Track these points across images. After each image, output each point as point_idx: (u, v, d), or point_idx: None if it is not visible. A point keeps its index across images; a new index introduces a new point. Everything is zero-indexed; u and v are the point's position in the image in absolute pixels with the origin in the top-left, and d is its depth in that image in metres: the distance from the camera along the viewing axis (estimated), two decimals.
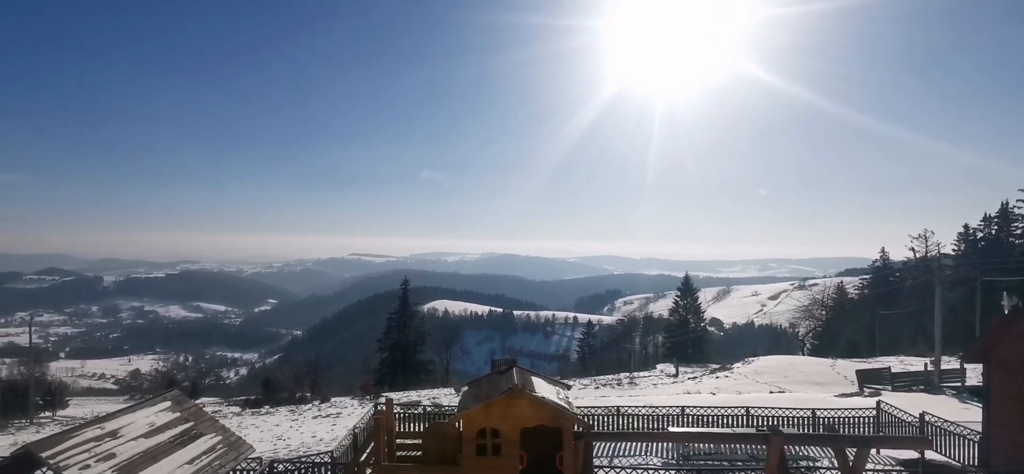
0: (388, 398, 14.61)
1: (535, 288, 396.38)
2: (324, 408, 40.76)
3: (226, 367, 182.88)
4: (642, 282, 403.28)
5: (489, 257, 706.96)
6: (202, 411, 12.55)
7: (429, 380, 67.36)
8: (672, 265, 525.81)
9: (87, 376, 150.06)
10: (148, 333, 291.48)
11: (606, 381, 53.03)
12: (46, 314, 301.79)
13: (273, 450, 23.92)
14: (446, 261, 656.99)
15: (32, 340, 64.55)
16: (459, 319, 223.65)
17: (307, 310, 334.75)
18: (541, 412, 11.17)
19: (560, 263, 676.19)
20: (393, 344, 71.61)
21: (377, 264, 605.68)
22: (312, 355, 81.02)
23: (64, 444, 8.88)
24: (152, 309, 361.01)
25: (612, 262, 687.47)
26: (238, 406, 47.57)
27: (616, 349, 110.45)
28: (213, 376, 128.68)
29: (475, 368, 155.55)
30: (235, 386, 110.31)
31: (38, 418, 48.33)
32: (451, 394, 43.03)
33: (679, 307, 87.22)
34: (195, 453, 10.90)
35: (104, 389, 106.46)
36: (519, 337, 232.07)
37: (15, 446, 29.60)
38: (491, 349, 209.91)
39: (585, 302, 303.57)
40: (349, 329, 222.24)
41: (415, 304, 79.82)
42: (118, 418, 10.38)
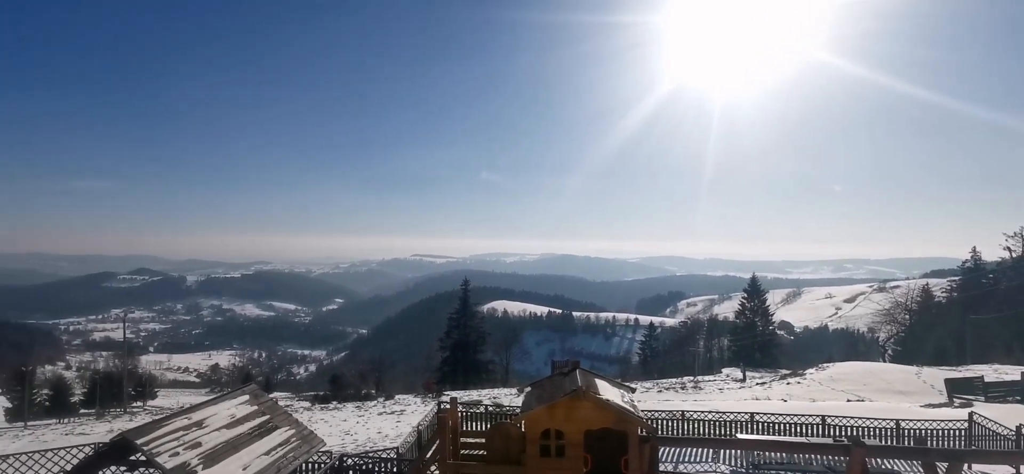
0: (453, 397, 14.81)
1: (595, 289, 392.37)
2: (388, 405, 41.87)
3: (296, 363, 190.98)
4: (705, 283, 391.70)
5: (548, 257, 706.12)
6: (277, 405, 13.12)
7: (489, 380, 67.97)
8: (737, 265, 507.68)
9: (173, 369, 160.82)
10: (226, 330, 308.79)
11: (669, 384, 51.76)
12: (137, 311, 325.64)
13: (341, 444, 24.77)
14: (505, 261, 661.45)
15: (125, 336, 69.98)
16: (518, 320, 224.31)
17: (371, 309, 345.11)
18: (605, 415, 10.99)
19: (620, 263, 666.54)
20: (454, 343, 72.71)
21: (438, 265, 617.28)
22: (376, 353, 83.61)
23: (156, 432, 9.47)
24: (230, 307, 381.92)
25: (674, 263, 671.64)
26: (308, 401, 49.65)
27: (679, 352, 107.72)
28: (284, 372, 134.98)
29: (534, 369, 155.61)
30: (305, 382, 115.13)
31: (131, 407, 52.24)
32: (512, 394, 43.21)
33: (746, 309, 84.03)
34: (272, 445, 11.39)
35: (187, 382, 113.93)
36: (579, 338, 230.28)
37: (111, 432, 32.07)
38: (550, 350, 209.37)
39: (646, 303, 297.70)
40: (411, 328, 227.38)
41: (475, 304, 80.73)
42: (203, 409, 10.99)
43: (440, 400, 37.55)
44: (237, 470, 10.01)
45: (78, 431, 36.75)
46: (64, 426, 40.80)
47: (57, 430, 38.28)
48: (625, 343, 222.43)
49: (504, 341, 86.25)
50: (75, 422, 43.76)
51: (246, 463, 10.36)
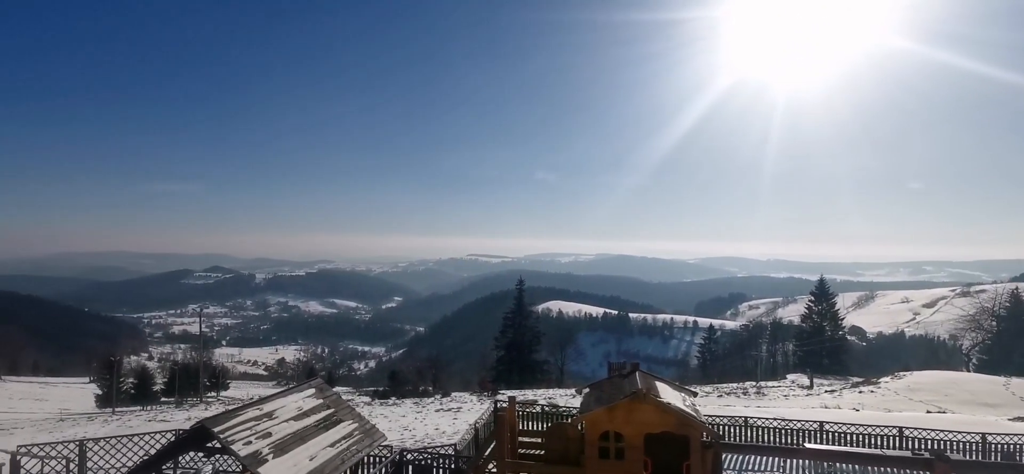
0: (511, 397, 14.84)
1: (652, 290, 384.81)
2: (445, 402, 42.47)
3: (357, 359, 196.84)
4: (768, 285, 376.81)
5: (603, 258, 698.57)
6: (341, 399, 13.54)
7: (544, 380, 67.86)
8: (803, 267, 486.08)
9: (243, 362, 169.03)
10: (291, 326, 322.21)
11: (730, 389, 50.08)
12: (212, 307, 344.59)
13: (400, 439, 25.31)
14: (560, 261, 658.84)
15: (201, 330, 74.10)
16: (573, 320, 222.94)
17: (428, 307, 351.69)
18: (667, 418, 10.73)
19: (678, 264, 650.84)
20: (509, 343, 73.03)
21: (493, 264, 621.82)
22: (433, 351, 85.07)
23: (230, 422, 9.97)
24: (295, 304, 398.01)
25: (735, 264, 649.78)
26: (368, 396, 51.08)
27: (740, 356, 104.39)
28: (345, 367, 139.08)
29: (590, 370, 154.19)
30: (365, 377, 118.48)
31: (206, 397, 55.29)
32: (567, 395, 42.94)
33: (813, 313, 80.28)
34: (336, 437, 11.77)
35: (256, 374, 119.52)
36: (635, 340, 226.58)
37: (189, 420, 34.05)
38: (606, 351, 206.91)
39: (706, 305, 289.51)
40: (467, 327, 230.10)
41: (530, 304, 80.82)
42: (273, 401, 11.48)
43: (496, 399, 37.78)
44: (304, 460, 10.41)
45: (160, 418, 39.24)
46: (147, 413, 43.65)
47: (141, 416, 41.01)
48: (683, 346, 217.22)
49: (559, 341, 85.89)
50: (157, 409, 46.72)
51: (313, 454, 10.76)
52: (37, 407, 50.09)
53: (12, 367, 77.55)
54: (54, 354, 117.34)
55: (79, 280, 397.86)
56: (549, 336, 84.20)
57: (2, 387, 59.05)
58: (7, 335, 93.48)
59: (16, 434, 34.00)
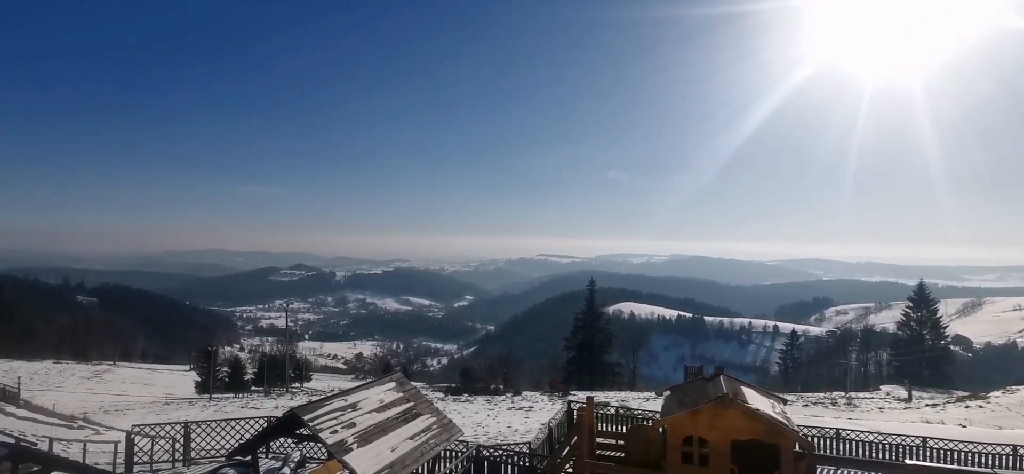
0: (589, 397, 14.63)
1: (729, 292, 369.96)
2: (517, 401, 42.68)
3: (429, 355, 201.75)
4: (858, 289, 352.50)
5: (677, 259, 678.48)
6: (420, 393, 13.84)
7: (615, 382, 66.79)
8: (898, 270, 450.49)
9: (323, 356, 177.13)
10: (369, 322, 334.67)
11: (816, 399, 47.22)
12: (296, 302, 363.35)
13: (474, 436, 25.63)
14: (632, 262, 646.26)
15: (287, 324, 78.34)
16: (645, 322, 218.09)
17: (499, 307, 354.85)
18: (755, 425, 10.17)
19: (757, 266, 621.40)
20: (580, 343, 72.44)
21: (563, 264, 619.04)
22: (504, 350, 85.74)
23: (318, 411, 10.41)
24: (372, 301, 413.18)
25: (820, 266, 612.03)
26: (441, 392, 52.16)
27: (826, 364, 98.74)
28: (419, 363, 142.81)
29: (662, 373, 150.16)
30: (437, 373, 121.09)
31: (291, 387, 58.41)
32: (640, 398, 42.02)
33: (910, 320, 74.38)
34: (415, 430, 12.03)
35: (336, 368, 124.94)
36: (710, 344, 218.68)
37: (276, 409, 36.07)
38: (679, 355, 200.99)
39: (787, 310, 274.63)
40: (537, 326, 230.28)
41: (601, 305, 79.79)
42: (356, 393, 11.89)
43: (569, 399, 37.55)
44: (386, 451, 10.71)
45: (251, 405, 41.89)
46: (239, 400, 46.71)
47: (235, 403, 43.95)
48: (762, 351, 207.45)
49: (630, 343, 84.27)
50: (248, 397, 49.87)
51: (394, 445, 11.05)
52: (145, 391, 54.81)
53: (125, 354, 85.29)
54: (160, 343, 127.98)
55: (182, 276, 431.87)
56: (620, 338, 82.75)
57: (116, 372, 65.08)
58: (121, 325, 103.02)
59: (129, 415, 37.35)
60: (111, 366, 69.17)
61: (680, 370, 13.45)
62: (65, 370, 61.92)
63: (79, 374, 60.33)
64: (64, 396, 46.42)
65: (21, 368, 56.04)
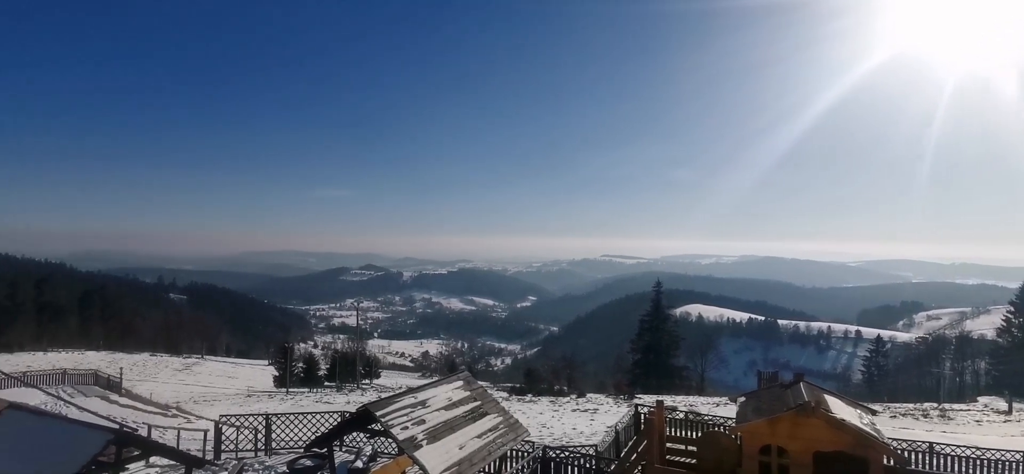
0: (659, 401, 14.27)
1: (805, 295, 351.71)
2: (581, 403, 42.29)
3: (493, 355, 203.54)
4: (953, 293, 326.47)
5: (748, 259, 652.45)
6: (487, 392, 13.94)
7: (683, 386, 65.03)
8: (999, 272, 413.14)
9: (391, 354, 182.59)
10: (434, 321, 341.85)
11: (904, 410, 44.01)
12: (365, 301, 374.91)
13: (539, 436, 25.58)
14: (700, 263, 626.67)
15: (358, 323, 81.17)
16: (714, 325, 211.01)
17: (562, 307, 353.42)
18: (840, 436, 9.55)
19: (837, 267, 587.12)
20: (646, 346, 71.02)
21: (628, 266, 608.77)
22: (567, 351, 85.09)
23: (389, 407, 10.67)
24: (437, 301, 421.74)
25: (908, 267, 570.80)
26: (505, 392, 52.41)
27: (916, 372, 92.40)
28: (483, 363, 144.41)
29: (732, 378, 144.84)
30: (501, 373, 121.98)
31: (361, 384, 60.45)
32: (709, 403, 40.63)
33: (1012, 326, 68.19)
34: (482, 429, 12.11)
35: (403, 365, 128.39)
36: (785, 349, 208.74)
37: (348, 403, 37.44)
38: (750, 360, 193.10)
39: (871, 314, 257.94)
40: (601, 328, 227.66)
41: (667, 307, 77.87)
42: (425, 391, 12.11)
43: (635, 402, 36.82)
44: (454, 449, 10.83)
45: (324, 400, 43.71)
46: (314, 395, 48.83)
47: (310, 397, 46.01)
48: (843, 358, 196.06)
49: (698, 347, 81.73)
50: (321, 392, 52.04)
51: (461, 443, 11.16)
52: (229, 384, 58.31)
53: (211, 349, 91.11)
54: (242, 339, 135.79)
55: (261, 276, 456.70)
56: (688, 341, 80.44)
57: (204, 365, 69.59)
58: (208, 322, 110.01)
59: (216, 405, 39.84)
60: (199, 359, 74.05)
61: (751, 375, 12.93)
62: (160, 362, 66.83)
63: (172, 366, 64.94)
64: (159, 386, 50.12)
65: (122, 360, 60.96)
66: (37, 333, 75.27)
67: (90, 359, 58.97)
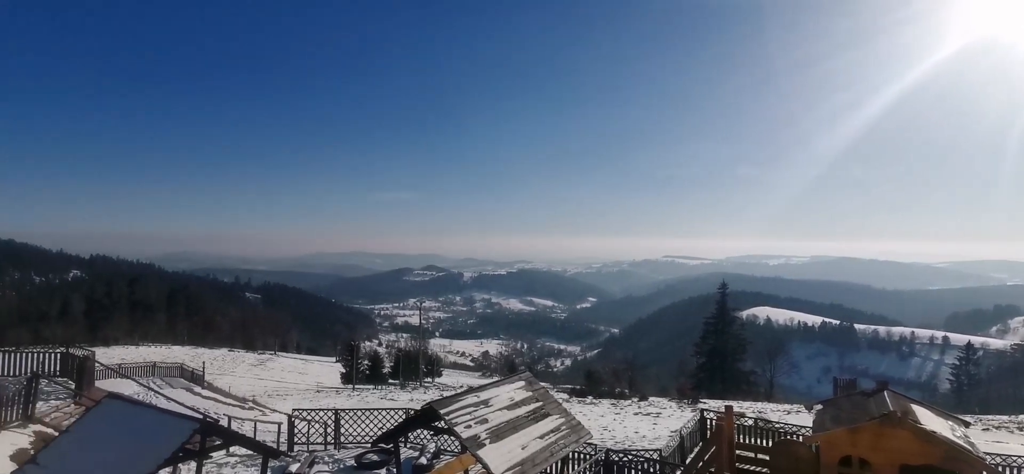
0: (728, 406, 13.78)
1: (885, 298, 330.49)
2: (643, 406, 41.45)
3: (553, 356, 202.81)
4: None
5: (821, 260, 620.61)
6: (549, 393, 13.88)
7: (750, 392, 62.58)
8: None
9: (452, 353, 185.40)
10: (494, 321, 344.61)
11: (998, 422, 40.42)
12: (427, 301, 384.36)
13: (600, 439, 25.25)
14: (768, 264, 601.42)
15: (420, 322, 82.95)
16: (784, 329, 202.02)
17: (622, 309, 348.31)
18: (930, 449, 8.88)
19: (921, 268, 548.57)
20: (711, 349, 68.91)
21: (691, 267, 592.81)
22: (629, 353, 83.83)
23: (453, 405, 10.79)
24: (497, 301, 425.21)
25: (1004, 268, 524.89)
26: (565, 393, 52.11)
27: (1012, 382, 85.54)
28: (542, 363, 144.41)
29: (804, 385, 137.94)
30: (561, 374, 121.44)
31: (423, 382, 61.74)
32: (780, 410, 38.88)
33: None
34: (545, 429, 12.06)
35: (464, 365, 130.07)
36: (862, 355, 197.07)
37: (411, 401, 38.29)
38: (824, 366, 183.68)
39: (961, 319, 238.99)
40: (663, 330, 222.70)
41: (734, 309, 75.26)
42: (488, 390, 12.18)
43: (698, 406, 35.73)
44: (516, 449, 10.84)
45: (388, 397, 44.92)
46: (378, 391, 50.28)
47: (375, 394, 47.41)
48: (928, 365, 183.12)
49: (767, 351, 78.39)
50: (386, 389, 53.53)
51: (524, 443, 11.15)
52: (299, 379, 60.95)
53: (283, 345, 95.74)
54: (311, 336, 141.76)
55: (329, 276, 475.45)
56: (755, 345, 77.37)
57: (276, 361, 73.13)
58: (280, 320, 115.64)
59: (288, 400, 41.74)
60: (272, 355, 77.89)
61: (826, 383, 12.25)
62: (237, 357, 70.74)
63: (247, 361, 68.60)
64: (236, 380, 53.03)
65: (204, 354, 64.97)
66: (130, 328, 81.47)
67: (176, 353, 63.18)
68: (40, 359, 20.86)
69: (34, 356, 21.05)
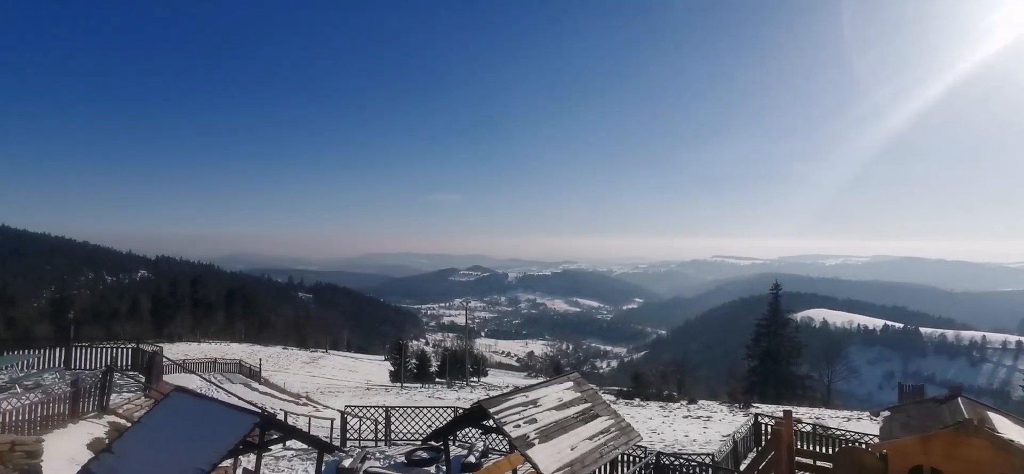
0: (787, 411, 13.31)
1: (952, 301, 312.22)
2: (693, 409, 40.52)
3: (598, 358, 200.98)
4: None
5: (881, 260, 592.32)
6: (598, 394, 13.75)
7: (806, 397, 60.17)
8: None
9: (497, 353, 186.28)
10: (539, 322, 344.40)
11: None
12: (473, 301, 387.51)
13: (649, 442, 24.82)
14: (824, 264, 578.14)
15: (467, 322, 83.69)
16: (842, 332, 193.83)
17: (670, 310, 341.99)
18: (1008, 459, 8.31)
19: (994, 269, 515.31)
20: (763, 352, 66.69)
21: (742, 267, 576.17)
22: (677, 355, 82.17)
23: (503, 405, 10.83)
24: (542, 302, 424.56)
25: None
26: (612, 396, 51.51)
27: None
28: (588, 365, 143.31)
29: (865, 391, 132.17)
30: (607, 376, 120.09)
31: (470, 381, 62.24)
32: (839, 417, 37.24)
33: None
34: (594, 431, 11.95)
35: (509, 365, 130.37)
36: (928, 360, 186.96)
37: (458, 400, 38.66)
38: (887, 371, 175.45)
39: None
40: (712, 332, 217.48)
41: (788, 311, 72.71)
42: (536, 390, 12.16)
43: (751, 411, 34.66)
44: (565, 449, 10.77)
45: (436, 396, 45.50)
46: (426, 390, 50.98)
47: (422, 392, 48.10)
48: (1001, 372, 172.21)
49: (824, 355, 75.30)
50: (433, 388, 54.21)
51: (573, 444, 11.07)
52: (350, 377, 62.45)
53: (334, 344, 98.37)
54: (360, 335, 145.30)
55: (377, 276, 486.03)
56: (811, 348, 74.35)
57: (328, 359, 75.19)
58: (331, 319, 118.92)
59: (339, 397, 42.87)
60: (324, 353, 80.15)
61: (889, 389, 11.67)
62: (290, 355, 73.14)
63: (300, 359, 70.80)
64: (290, 377, 54.81)
65: (260, 351, 67.41)
66: (192, 325, 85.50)
67: (234, 350, 65.82)
68: (113, 354, 22.14)
69: (108, 351, 22.36)
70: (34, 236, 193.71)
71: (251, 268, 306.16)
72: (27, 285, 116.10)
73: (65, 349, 21.94)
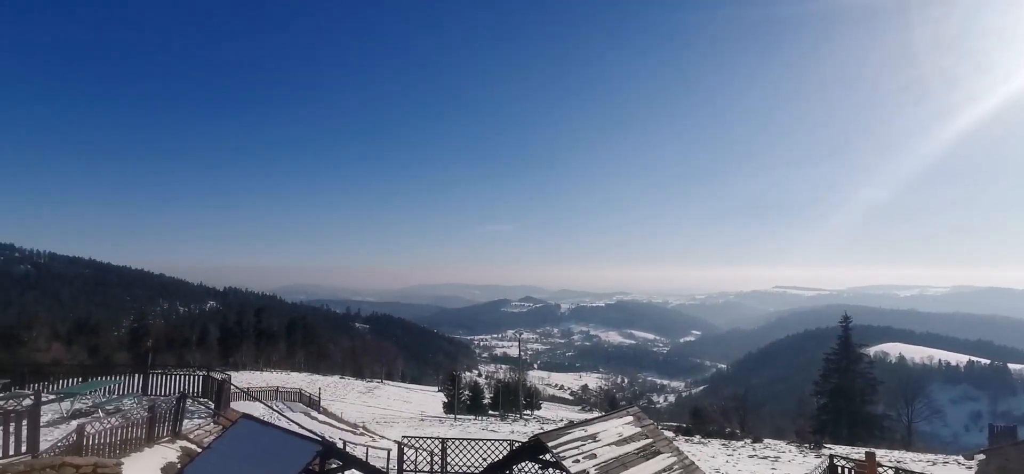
0: (869, 453, 12.46)
1: None
2: (758, 449, 38.53)
3: (655, 392, 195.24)
4: None
5: (963, 290, 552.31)
6: (659, 430, 13.28)
7: (883, 438, 56.16)
8: None
9: (550, 386, 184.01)
10: (593, 354, 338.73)
11: None
12: (525, 332, 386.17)
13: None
14: (898, 295, 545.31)
15: (519, 354, 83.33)
16: (921, 368, 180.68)
17: (729, 343, 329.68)
18: None
19: None
20: (833, 389, 63.09)
21: (806, 298, 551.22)
22: (739, 390, 78.69)
23: (561, 439, 10.60)
24: (595, 334, 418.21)
25: None
26: (670, 432, 49.72)
27: None
28: (644, 399, 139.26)
29: (949, 432, 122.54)
30: (664, 411, 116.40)
31: (523, 414, 61.58)
32: (921, 460, 34.48)
33: None
34: (656, 468, 11.49)
35: (562, 398, 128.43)
36: (1019, 399, 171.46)
37: (512, 433, 38.24)
38: (973, 411, 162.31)
39: None
40: (776, 366, 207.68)
41: (859, 345, 68.54)
42: (595, 424, 11.86)
43: (824, 452, 32.61)
44: None
45: (490, 428, 45.20)
46: (479, 422, 50.78)
47: (476, 424, 47.93)
48: None
49: (902, 393, 70.30)
50: (486, 420, 53.97)
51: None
52: (404, 407, 63.06)
53: (389, 374, 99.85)
54: (415, 366, 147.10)
55: (430, 306, 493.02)
56: (887, 385, 69.62)
57: (383, 389, 76.31)
58: (386, 349, 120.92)
59: (395, 427, 43.27)
60: (379, 383, 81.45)
61: (977, 430, 10.68)
62: (347, 384, 74.70)
63: (357, 389, 72.17)
64: (347, 406, 55.87)
65: (319, 380, 69.23)
66: (256, 354, 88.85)
67: (294, 379, 67.84)
68: (185, 381, 23.21)
69: (180, 378, 23.47)
70: (116, 268, 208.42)
71: (310, 299, 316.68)
72: (109, 314, 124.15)
73: (143, 376, 23.18)
